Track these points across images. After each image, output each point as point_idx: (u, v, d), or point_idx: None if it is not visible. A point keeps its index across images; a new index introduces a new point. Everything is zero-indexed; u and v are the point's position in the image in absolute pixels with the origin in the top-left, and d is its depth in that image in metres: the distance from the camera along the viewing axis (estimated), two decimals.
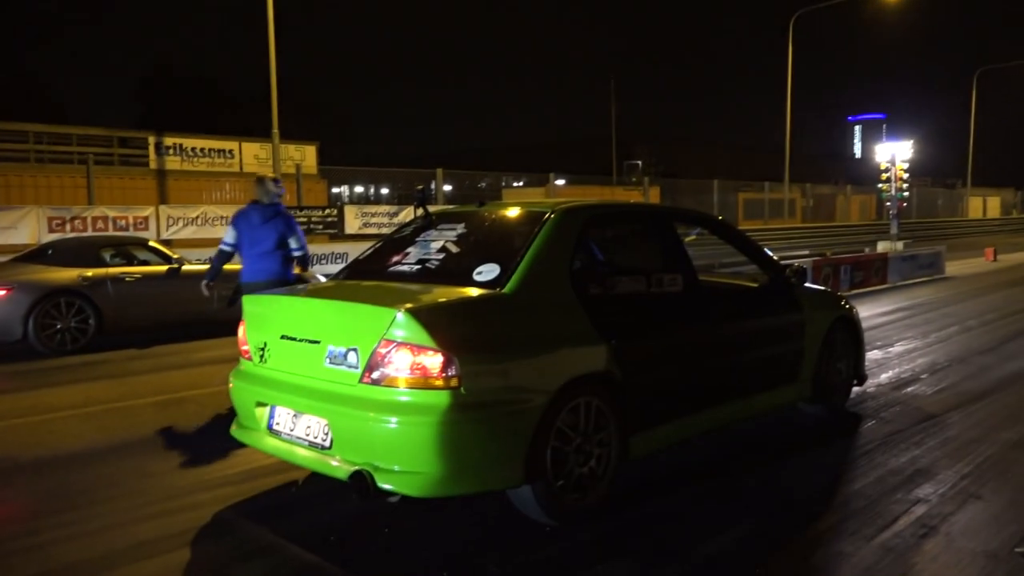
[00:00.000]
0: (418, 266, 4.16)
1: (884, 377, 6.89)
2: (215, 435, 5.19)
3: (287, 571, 3.36)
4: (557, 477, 3.63)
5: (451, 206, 6.35)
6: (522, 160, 49.95)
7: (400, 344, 3.35)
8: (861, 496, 4.09)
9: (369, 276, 4.32)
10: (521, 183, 35.01)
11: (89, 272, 8.87)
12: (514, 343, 3.56)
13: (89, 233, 14.13)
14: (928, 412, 5.70)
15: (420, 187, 4.89)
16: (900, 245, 19.30)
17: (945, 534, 3.61)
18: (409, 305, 3.40)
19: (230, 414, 4.35)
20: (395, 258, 4.34)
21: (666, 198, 32.25)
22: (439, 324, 3.37)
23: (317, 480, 4.27)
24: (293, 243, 6.24)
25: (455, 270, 4.00)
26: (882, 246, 19.39)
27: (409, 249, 4.36)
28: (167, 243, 15.46)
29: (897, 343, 8.65)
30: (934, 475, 4.38)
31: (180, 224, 15.57)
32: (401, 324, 3.35)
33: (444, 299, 3.61)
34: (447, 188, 24.91)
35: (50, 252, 9.32)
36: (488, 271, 3.79)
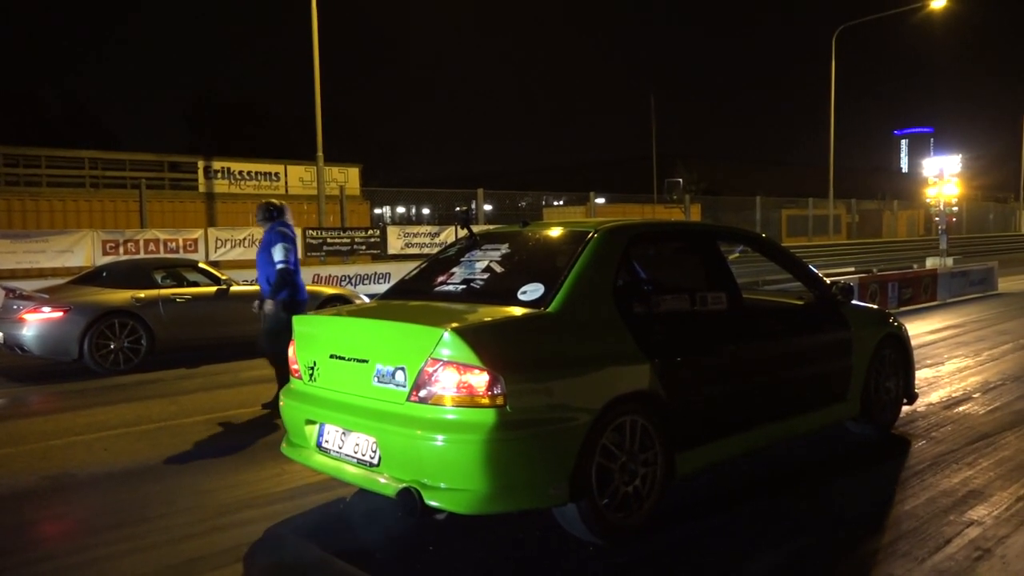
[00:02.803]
0: (463, 286, 4.22)
1: (935, 396, 6.75)
2: (264, 452, 5.30)
3: None
4: (602, 495, 3.64)
5: (494, 226, 6.42)
6: (562, 179, 50.05)
7: (447, 363, 3.41)
8: (912, 517, 4.01)
9: (415, 296, 4.40)
10: (561, 202, 35.07)
11: (142, 294, 9.13)
12: (559, 362, 3.59)
13: (141, 255, 14.53)
14: (981, 432, 5.57)
15: (463, 208, 5.00)
16: (950, 261, 18.90)
17: (1000, 557, 3.52)
18: (455, 324, 3.46)
19: (279, 432, 4.44)
20: (441, 278, 4.41)
21: (707, 216, 32.00)
22: (485, 343, 3.42)
23: (364, 497, 4.33)
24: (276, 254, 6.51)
25: (500, 290, 4.05)
26: (931, 262, 19.00)
27: (454, 269, 4.43)
28: (215, 264, 15.83)
29: (948, 361, 8.47)
30: (988, 496, 4.29)
31: (228, 246, 15.93)
32: (448, 343, 3.40)
33: (489, 318, 3.65)
34: (488, 208, 25.06)
35: (104, 274, 9.62)
36: (532, 291, 3.83)
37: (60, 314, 8.61)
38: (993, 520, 3.95)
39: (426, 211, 37.01)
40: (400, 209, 39.22)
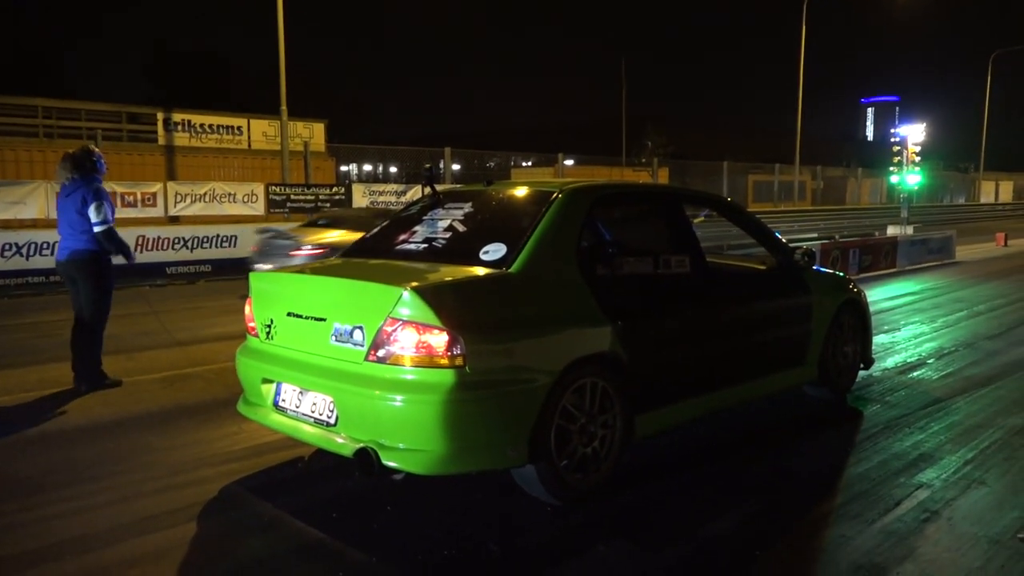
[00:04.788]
0: (425, 245, 4.15)
1: (891, 361, 6.87)
2: (221, 411, 5.23)
3: (290, 546, 3.38)
4: (561, 457, 3.64)
5: (458, 185, 6.31)
6: (531, 140, 49.74)
7: (406, 322, 3.36)
8: (864, 480, 4.09)
9: (376, 254, 4.32)
10: (530, 163, 34.87)
11: None
12: (519, 323, 3.56)
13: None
14: (934, 397, 5.69)
15: (428, 166, 4.87)
16: (910, 229, 19.19)
17: (947, 519, 3.61)
18: (415, 283, 3.40)
19: (237, 390, 4.37)
20: (402, 236, 4.34)
21: (675, 179, 32.05)
22: (444, 303, 3.37)
23: (322, 457, 4.30)
24: (92, 216, 5.87)
25: (462, 249, 3.99)
26: (892, 230, 19.28)
27: (416, 228, 4.36)
28: (175, 220, 15.48)
29: (904, 327, 8.62)
30: (938, 460, 4.38)
31: (188, 201, 15.55)
32: (407, 302, 3.35)
33: (450, 278, 3.60)
34: (455, 167, 24.81)
35: (326, 222, 10.51)
36: (495, 250, 3.78)
37: (321, 251, 9.07)
38: (942, 483, 4.04)
39: (393, 169, 36.57)
40: (367, 167, 38.66)
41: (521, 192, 4.41)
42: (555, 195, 4.09)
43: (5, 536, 3.47)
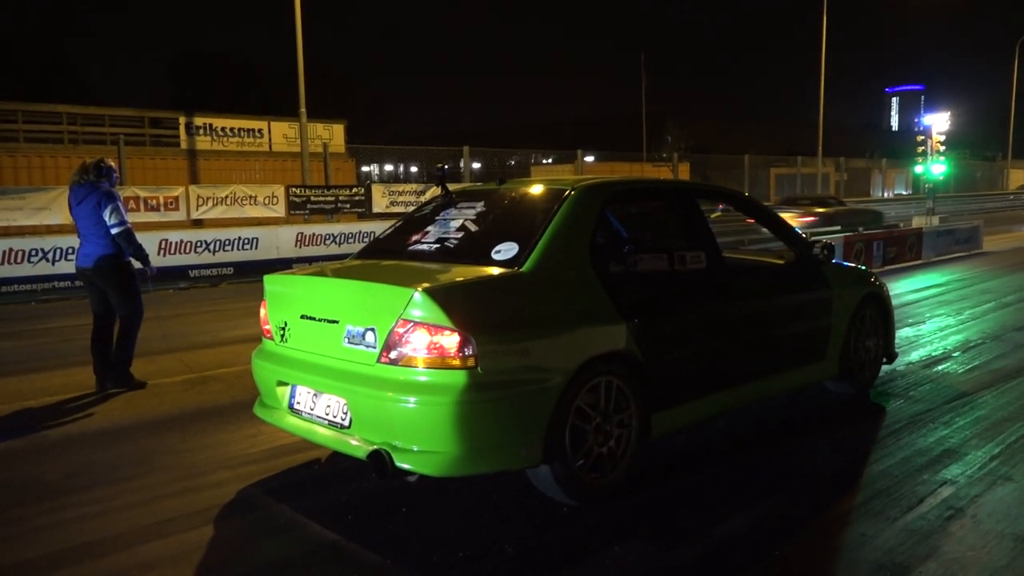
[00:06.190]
0: (437, 245, 4.14)
1: (915, 355, 6.76)
2: (240, 414, 5.26)
3: (306, 549, 3.39)
4: (576, 457, 3.61)
5: (473, 184, 6.30)
6: (553, 137, 49.67)
7: (417, 324, 3.34)
8: (886, 477, 4.02)
9: (389, 255, 4.32)
10: (550, 160, 34.80)
11: None
12: (532, 322, 3.53)
13: None
14: (959, 391, 5.58)
15: (439, 165, 4.87)
16: (936, 220, 18.90)
17: (972, 516, 3.53)
18: (426, 284, 3.39)
19: (255, 393, 4.39)
20: (415, 237, 4.33)
21: (696, 174, 31.84)
22: (456, 303, 3.35)
23: (338, 459, 4.31)
24: (108, 218, 5.97)
25: (474, 249, 3.97)
26: (917, 221, 19.00)
27: (429, 228, 4.34)
28: (197, 223, 15.61)
29: (930, 320, 8.48)
30: (963, 455, 4.30)
31: (210, 204, 15.66)
32: (418, 303, 3.33)
33: (461, 278, 3.59)
34: (476, 166, 24.82)
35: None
36: (506, 250, 3.76)
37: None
38: (966, 479, 3.96)
39: (414, 169, 36.72)
40: (388, 167, 38.82)
41: (533, 190, 4.39)
42: (567, 193, 4.06)
43: (26, 539, 3.51)
